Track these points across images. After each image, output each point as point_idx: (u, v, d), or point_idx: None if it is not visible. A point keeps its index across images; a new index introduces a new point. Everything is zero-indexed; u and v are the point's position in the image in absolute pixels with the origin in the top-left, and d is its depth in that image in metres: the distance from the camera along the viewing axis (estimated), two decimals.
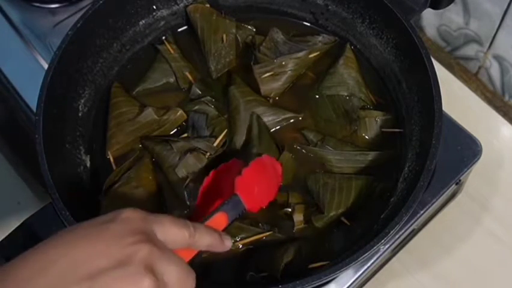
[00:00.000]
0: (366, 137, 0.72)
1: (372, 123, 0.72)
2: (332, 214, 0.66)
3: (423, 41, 0.67)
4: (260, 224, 0.68)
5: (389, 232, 0.58)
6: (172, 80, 0.77)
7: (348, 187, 0.67)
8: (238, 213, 0.60)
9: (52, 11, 0.87)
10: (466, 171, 0.72)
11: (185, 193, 0.69)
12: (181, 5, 0.80)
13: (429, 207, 0.70)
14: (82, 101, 0.73)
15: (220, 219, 0.57)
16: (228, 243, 0.53)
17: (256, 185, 0.64)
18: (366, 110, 0.73)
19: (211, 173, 0.66)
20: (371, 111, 0.73)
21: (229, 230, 0.66)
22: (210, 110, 0.74)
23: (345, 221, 0.67)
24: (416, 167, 0.65)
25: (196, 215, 0.66)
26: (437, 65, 0.67)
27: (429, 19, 0.91)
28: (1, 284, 0.41)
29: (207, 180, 0.66)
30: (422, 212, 0.69)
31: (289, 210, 0.67)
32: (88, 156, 0.73)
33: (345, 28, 0.78)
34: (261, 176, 0.65)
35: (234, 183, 0.61)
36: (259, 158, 0.67)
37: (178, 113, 0.73)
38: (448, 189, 0.71)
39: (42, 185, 0.62)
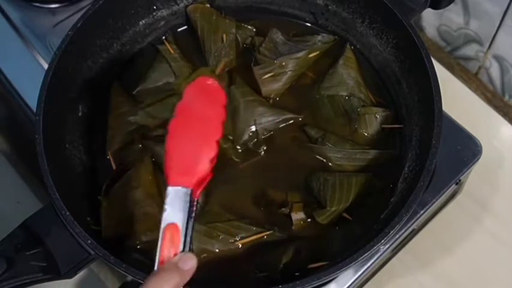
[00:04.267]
0: (366, 133, 0.72)
1: (372, 120, 0.72)
2: (334, 209, 0.66)
3: (423, 41, 0.67)
4: (260, 224, 0.68)
5: (389, 232, 0.58)
6: (172, 80, 0.77)
7: (348, 183, 0.67)
8: (190, 207, 0.50)
9: (52, 11, 0.87)
10: (466, 171, 0.72)
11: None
12: (181, 5, 0.80)
13: (429, 207, 0.70)
14: (82, 101, 0.73)
15: (172, 235, 0.50)
16: (189, 265, 0.49)
17: (187, 149, 0.52)
18: (366, 106, 0.73)
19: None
20: (371, 107, 0.73)
21: (229, 230, 0.66)
22: None
23: (347, 216, 0.67)
24: (416, 167, 0.65)
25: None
26: (437, 65, 0.68)
27: (429, 19, 0.91)
28: None
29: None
30: (422, 212, 0.69)
31: (287, 209, 0.67)
32: (88, 156, 0.73)
33: (345, 28, 0.78)
34: (189, 134, 0.53)
35: (165, 174, 0.51)
36: (181, 103, 0.54)
37: None
38: (447, 189, 0.71)
39: (42, 185, 0.62)
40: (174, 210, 0.50)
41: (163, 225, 0.50)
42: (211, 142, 0.53)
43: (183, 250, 0.50)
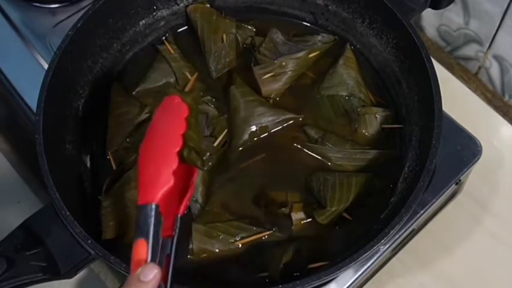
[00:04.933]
0: (366, 133, 0.72)
1: (372, 120, 0.72)
2: (334, 209, 0.66)
3: (423, 41, 0.67)
4: (260, 223, 0.68)
5: (389, 232, 0.58)
6: (172, 80, 0.77)
7: (348, 183, 0.67)
8: (153, 218, 0.51)
9: (52, 11, 0.87)
10: (466, 171, 0.72)
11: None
12: (181, 5, 0.80)
13: (429, 207, 0.70)
14: (82, 101, 0.73)
15: (139, 250, 0.51)
16: (150, 276, 0.49)
17: (150, 167, 0.53)
18: (366, 106, 0.73)
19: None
20: (371, 107, 0.73)
21: (229, 230, 0.66)
22: (210, 109, 0.74)
23: (347, 216, 0.67)
24: (416, 167, 0.65)
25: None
26: (437, 65, 0.68)
27: (429, 19, 0.91)
28: None
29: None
30: (422, 212, 0.69)
31: (287, 209, 0.67)
32: (88, 156, 0.73)
33: (345, 28, 0.78)
34: (152, 153, 0.54)
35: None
36: (149, 127, 0.56)
37: None
38: (447, 189, 0.71)
39: (42, 185, 0.62)
40: (142, 227, 0.51)
41: (134, 243, 0.51)
42: (170, 154, 0.54)
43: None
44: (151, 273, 0.50)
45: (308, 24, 0.81)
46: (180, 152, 0.54)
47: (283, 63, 0.74)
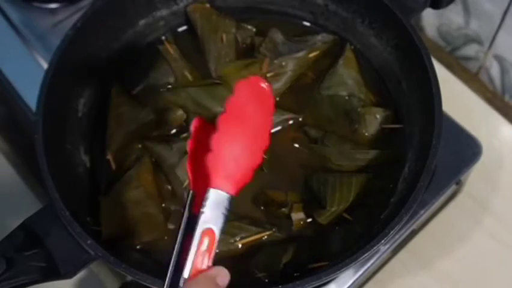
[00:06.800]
0: (366, 133, 0.72)
1: (372, 120, 0.72)
2: (334, 209, 0.66)
3: (423, 41, 0.67)
4: (260, 223, 0.68)
5: (389, 232, 0.58)
6: (172, 80, 0.77)
7: (348, 183, 0.67)
8: (225, 210, 0.46)
9: (52, 11, 0.87)
10: (466, 171, 0.72)
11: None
12: (181, 5, 0.80)
13: (429, 207, 0.70)
14: (82, 101, 0.73)
15: (208, 241, 0.45)
16: (226, 281, 0.44)
17: (236, 151, 0.47)
18: (366, 106, 0.73)
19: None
20: (371, 107, 0.73)
21: (229, 230, 0.66)
22: None
23: (347, 216, 0.67)
24: (416, 167, 0.65)
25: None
26: (437, 65, 0.68)
27: (429, 19, 0.91)
28: None
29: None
30: (422, 212, 0.69)
31: (287, 209, 0.67)
32: (88, 156, 0.73)
33: (345, 28, 0.78)
34: (239, 134, 0.48)
35: (208, 175, 0.46)
36: (232, 99, 0.48)
37: (178, 113, 0.73)
38: (447, 189, 0.71)
39: (42, 185, 0.62)
40: (213, 215, 0.46)
41: (200, 228, 0.45)
42: (259, 151, 0.49)
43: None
44: (227, 280, 0.44)
45: (308, 24, 0.81)
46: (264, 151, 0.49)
47: (283, 63, 0.74)
